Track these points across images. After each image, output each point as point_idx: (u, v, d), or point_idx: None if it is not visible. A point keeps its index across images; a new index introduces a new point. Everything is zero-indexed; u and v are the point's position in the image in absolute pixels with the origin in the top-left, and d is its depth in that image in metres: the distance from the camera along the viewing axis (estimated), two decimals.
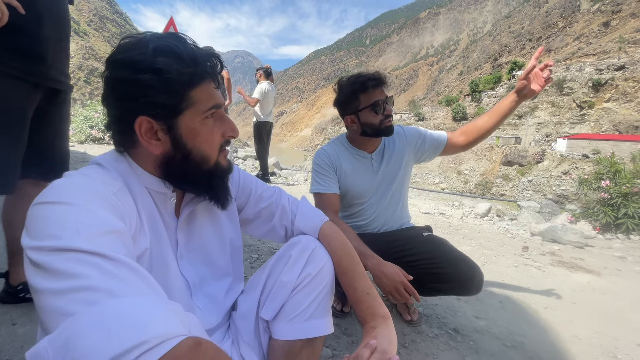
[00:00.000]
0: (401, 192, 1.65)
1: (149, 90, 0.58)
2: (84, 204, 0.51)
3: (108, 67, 0.60)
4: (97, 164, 0.63)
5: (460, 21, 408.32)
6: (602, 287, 2.60)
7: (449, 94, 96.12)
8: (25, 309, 1.33)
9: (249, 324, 0.81)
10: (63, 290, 0.40)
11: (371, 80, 1.43)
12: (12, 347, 1.15)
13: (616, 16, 79.29)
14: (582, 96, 44.99)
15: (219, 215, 0.83)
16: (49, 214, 0.49)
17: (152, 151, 0.62)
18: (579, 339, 1.77)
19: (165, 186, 0.68)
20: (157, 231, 0.67)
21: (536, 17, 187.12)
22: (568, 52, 72.77)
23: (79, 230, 0.46)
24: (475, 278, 1.35)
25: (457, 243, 1.32)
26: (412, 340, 1.51)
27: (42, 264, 0.43)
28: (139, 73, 0.57)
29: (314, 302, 0.77)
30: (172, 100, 0.60)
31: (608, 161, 5.36)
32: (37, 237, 0.46)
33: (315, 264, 0.78)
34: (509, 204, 8.21)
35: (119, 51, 0.60)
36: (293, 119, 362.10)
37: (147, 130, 0.60)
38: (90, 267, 0.42)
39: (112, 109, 0.62)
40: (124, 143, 0.65)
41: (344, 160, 1.55)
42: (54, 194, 0.52)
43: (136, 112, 0.59)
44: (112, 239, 0.48)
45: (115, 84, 0.59)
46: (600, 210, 4.96)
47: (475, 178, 35.20)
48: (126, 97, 0.58)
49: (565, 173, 27.34)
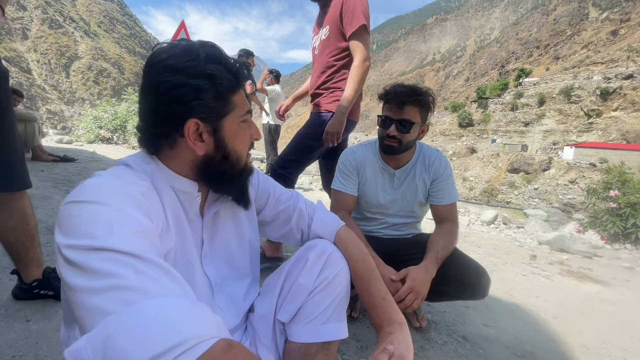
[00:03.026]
0: (416, 214, 1.59)
1: (201, 94, 0.61)
2: (115, 204, 0.52)
3: (158, 72, 0.61)
4: (126, 164, 0.65)
5: (468, 27, 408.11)
6: (610, 298, 2.57)
7: (455, 99, 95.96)
8: (39, 306, 1.35)
9: (266, 327, 0.81)
10: (100, 288, 0.41)
11: (390, 93, 1.37)
12: (26, 343, 1.16)
13: (625, 25, 78.81)
14: (589, 104, 44.68)
15: (240, 216, 0.84)
16: (82, 212, 0.50)
17: (197, 152, 0.65)
18: (588, 349, 1.75)
19: (193, 186, 0.69)
20: (182, 230, 0.68)
21: (544, 24, 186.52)
22: (576, 60, 72.38)
23: (112, 230, 0.47)
24: (482, 281, 1.34)
25: (464, 250, 1.32)
26: (421, 347, 1.51)
27: (77, 262, 0.44)
28: (193, 78, 0.60)
29: (331, 306, 0.78)
30: (219, 104, 0.64)
31: (617, 170, 5.31)
32: (72, 235, 0.48)
33: (332, 268, 0.79)
34: (515, 212, 8.16)
35: (167, 57, 0.61)
36: (299, 122, 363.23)
37: (194, 132, 0.63)
38: (125, 266, 0.43)
39: (158, 112, 0.63)
40: (159, 145, 0.66)
41: (369, 166, 1.53)
42: (86, 193, 0.53)
43: (187, 115, 0.62)
44: (143, 239, 0.50)
45: (167, 88, 0.60)
46: (608, 220, 4.90)
47: (480, 185, 35.01)
48: (178, 101, 0.61)
49: (572, 182, 27.10)
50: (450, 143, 48.08)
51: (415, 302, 1.20)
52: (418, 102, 1.34)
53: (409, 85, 1.38)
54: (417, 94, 1.33)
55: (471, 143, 45.45)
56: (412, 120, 1.34)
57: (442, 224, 1.48)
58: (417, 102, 1.33)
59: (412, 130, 1.36)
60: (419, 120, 1.37)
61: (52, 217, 2.26)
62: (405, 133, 1.36)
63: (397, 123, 1.35)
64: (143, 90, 0.64)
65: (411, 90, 1.34)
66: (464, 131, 55.94)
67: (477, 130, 54.57)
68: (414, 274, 1.22)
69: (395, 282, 1.23)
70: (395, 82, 1.42)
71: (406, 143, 1.39)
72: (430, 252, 1.32)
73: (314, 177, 7.79)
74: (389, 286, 1.23)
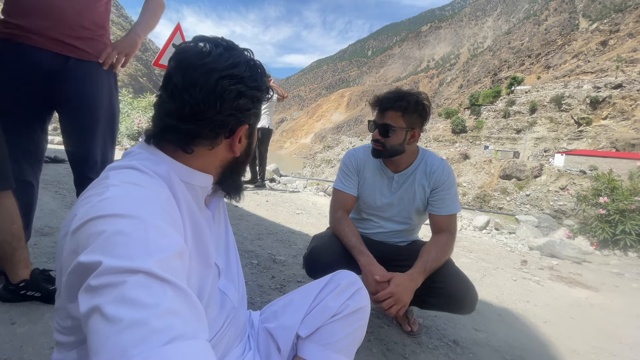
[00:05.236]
0: (412, 221, 1.58)
1: (258, 104, 0.68)
2: (149, 218, 0.48)
3: (221, 78, 0.61)
4: (134, 168, 0.58)
5: (461, 35, 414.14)
6: (600, 303, 2.60)
7: (448, 106, 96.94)
8: (25, 309, 1.32)
9: (288, 338, 0.84)
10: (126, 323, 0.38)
11: (376, 99, 1.43)
12: (10, 346, 1.14)
13: (614, 35, 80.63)
14: (580, 113, 45.49)
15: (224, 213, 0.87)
16: (116, 228, 0.45)
17: (235, 153, 0.69)
18: (577, 354, 1.77)
19: (209, 180, 0.70)
20: (198, 227, 0.66)
21: (535, 34, 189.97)
22: (567, 69, 73.74)
23: (150, 251, 0.44)
24: (469, 297, 1.33)
25: (455, 255, 1.33)
26: (412, 352, 1.51)
27: (107, 284, 0.40)
28: (255, 90, 0.65)
29: (348, 337, 0.82)
30: (259, 111, 0.71)
31: (606, 178, 5.40)
32: (108, 253, 0.43)
33: (357, 301, 0.84)
34: (507, 218, 8.23)
35: (230, 64, 0.62)
36: (293, 127, 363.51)
37: (242, 136, 0.69)
38: (159, 296, 0.41)
39: (216, 116, 0.62)
40: (197, 144, 0.64)
41: (369, 168, 1.56)
42: (114, 206, 0.48)
43: (244, 121, 0.66)
44: (178, 262, 0.47)
45: (235, 97, 0.63)
46: (598, 227, 4.97)
47: (473, 191, 35.32)
48: (241, 108, 0.64)
49: (562, 188, 27.48)
50: (444, 149, 48.52)
51: (394, 307, 1.20)
52: (399, 107, 1.36)
53: (397, 90, 1.41)
54: (398, 99, 1.36)
55: (464, 149, 45.89)
56: (393, 125, 1.38)
57: (439, 235, 1.45)
58: (398, 107, 1.36)
59: (394, 135, 1.39)
60: (402, 125, 1.38)
61: (40, 219, 2.22)
62: (387, 137, 1.40)
63: (380, 127, 1.41)
64: (192, 90, 0.60)
65: (394, 96, 1.38)
66: (457, 137, 56.54)
67: (470, 136, 55.20)
68: (398, 280, 1.23)
69: (380, 282, 1.24)
70: (390, 89, 1.45)
71: (390, 147, 1.42)
72: (419, 261, 1.32)
73: (308, 182, 7.79)
74: (374, 286, 1.25)
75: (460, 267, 1.47)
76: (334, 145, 74.64)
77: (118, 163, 0.61)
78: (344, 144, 72.41)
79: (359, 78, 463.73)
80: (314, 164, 65.19)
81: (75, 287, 0.44)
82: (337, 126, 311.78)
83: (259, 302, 1.74)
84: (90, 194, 0.52)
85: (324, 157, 65.17)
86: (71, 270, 0.45)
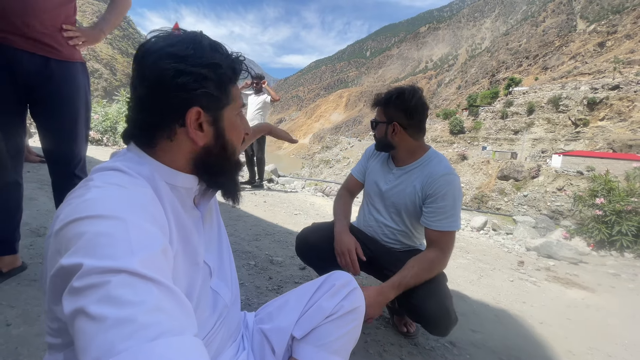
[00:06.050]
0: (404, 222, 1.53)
1: (205, 82, 0.61)
2: (132, 218, 0.47)
3: (159, 58, 0.59)
4: (117, 169, 0.58)
5: (460, 37, 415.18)
6: (596, 304, 2.61)
7: (447, 107, 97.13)
8: (20, 310, 1.32)
9: (283, 340, 0.83)
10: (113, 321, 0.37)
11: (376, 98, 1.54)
12: (5, 348, 1.13)
13: (611, 37, 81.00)
14: (577, 114, 45.68)
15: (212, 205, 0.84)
16: (96, 229, 0.44)
17: (197, 142, 0.64)
18: (573, 355, 1.78)
19: (194, 181, 0.68)
20: (184, 227, 0.65)
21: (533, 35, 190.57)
22: (564, 71, 74.01)
23: (132, 249, 0.43)
24: (443, 322, 1.30)
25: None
26: (409, 353, 1.51)
27: (92, 285, 0.40)
28: (198, 66, 0.60)
29: (342, 338, 0.82)
30: (220, 93, 0.64)
31: (603, 179, 5.42)
32: (88, 255, 0.42)
33: (352, 301, 0.84)
34: (505, 218, 8.25)
35: (168, 44, 0.60)
36: (292, 127, 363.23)
37: (194, 120, 0.62)
38: (144, 294, 0.40)
39: (159, 100, 0.60)
40: (157, 137, 0.62)
41: (378, 160, 1.66)
42: (95, 207, 0.47)
43: (190, 103, 0.61)
44: (162, 260, 0.47)
45: (171, 76, 0.59)
46: (594, 227, 4.99)
47: (471, 191, 35.40)
48: (183, 88, 0.59)
49: (560, 189, 27.58)
50: (442, 150, 48.57)
51: None
52: (379, 102, 1.50)
53: (391, 88, 1.48)
54: (382, 95, 1.50)
55: (462, 150, 46.04)
56: (378, 120, 1.52)
57: (429, 250, 1.40)
58: (379, 102, 1.50)
59: (378, 129, 1.52)
60: (383, 119, 1.49)
61: (36, 219, 2.21)
62: (375, 131, 1.55)
63: (371, 123, 1.58)
64: (140, 79, 0.61)
65: (381, 94, 1.51)
66: (455, 138, 56.65)
67: (468, 137, 55.32)
68: (366, 293, 1.17)
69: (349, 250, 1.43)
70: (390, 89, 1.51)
71: (379, 139, 1.54)
72: (396, 275, 1.31)
73: (307, 182, 7.78)
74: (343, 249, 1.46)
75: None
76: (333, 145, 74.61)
77: (103, 165, 0.60)
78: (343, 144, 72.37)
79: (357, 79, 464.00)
80: (313, 164, 65.22)
81: (59, 290, 0.43)
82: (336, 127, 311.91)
83: (255, 303, 1.73)
84: (74, 196, 0.52)
85: (323, 158, 65.19)
86: (54, 273, 0.44)
